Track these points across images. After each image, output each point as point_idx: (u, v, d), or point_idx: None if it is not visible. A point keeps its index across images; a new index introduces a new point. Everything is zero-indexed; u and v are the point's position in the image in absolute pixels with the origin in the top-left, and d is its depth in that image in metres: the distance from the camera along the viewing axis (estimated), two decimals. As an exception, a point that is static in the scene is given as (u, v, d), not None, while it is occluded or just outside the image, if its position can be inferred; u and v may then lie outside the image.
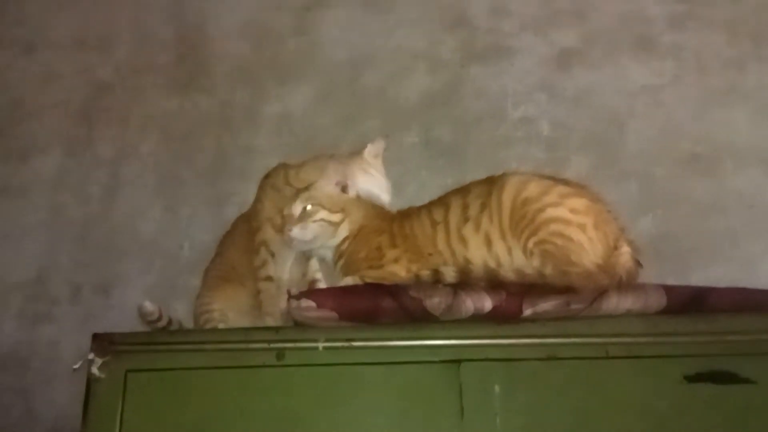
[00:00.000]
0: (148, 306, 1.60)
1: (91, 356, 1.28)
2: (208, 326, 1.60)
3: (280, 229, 1.53)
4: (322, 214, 1.52)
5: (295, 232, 1.50)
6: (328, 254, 1.56)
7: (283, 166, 1.69)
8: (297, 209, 1.52)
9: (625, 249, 1.36)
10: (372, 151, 1.69)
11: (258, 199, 1.67)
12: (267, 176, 1.70)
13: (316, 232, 1.51)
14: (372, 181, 1.66)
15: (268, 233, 1.60)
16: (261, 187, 1.69)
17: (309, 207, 1.51)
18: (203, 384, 1.29)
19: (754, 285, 1.39)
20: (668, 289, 1.33)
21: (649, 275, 1.40)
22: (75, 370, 1.29)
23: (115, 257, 2.14)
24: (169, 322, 1.63)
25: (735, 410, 1.24)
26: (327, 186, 1.55)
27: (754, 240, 1.97)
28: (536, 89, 2.19)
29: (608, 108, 2.14)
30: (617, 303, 1.30)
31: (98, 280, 2.12)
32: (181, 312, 1.73)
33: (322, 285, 1.59)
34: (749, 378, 1.24)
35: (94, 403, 1.27)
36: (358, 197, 1.59)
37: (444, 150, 2.16)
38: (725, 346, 1.27)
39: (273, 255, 1.60)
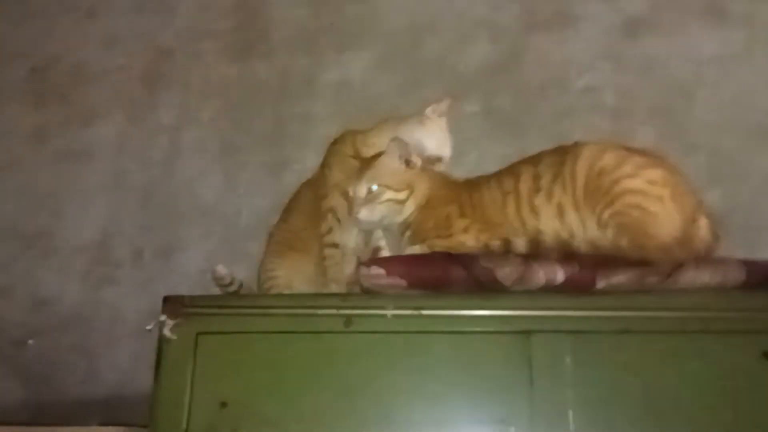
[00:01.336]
0: (221, 270, 1.62)
1: (162, 318, 1.30)
2: (273, 292, 1.61)
3: (349, 202, 1.52)
4: (389, 194, 1.50)
5: (363, 214, 1.48)
6: (394, 226, 1.55)
7: (351, 133, 1.67)
8: (362, 190, 1.50)
9: (704, 221, 1.33)
10: (436, 109, 1.65)
11: (325, 166, 1.66)
12: (334, 142, 1.68)
13: (383, 212, 1.50)
14: (424, 133, 1.62)
15: (336, 200, 1.59)
16: (329, 154, 1.67)
17: (374, 188, 1.50)
18: (272, 348, 1.30)
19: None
20: (748, 264, 1.30)
21: (718, 250, 1.36)
22: (149, 330, 1.31)
23: (175, 222, 2.16)
24: (240, 286, 1.64)
25: (815, 389, 1.20)
26: (391, 162, 1.52)
27: (827, 217, 1.91)
28: (601, 58, 2.12)
29: (676, 78, 2.07)
30: (694, 277, 1.27)
31: (159, 245, 2.15)
32: (240, 277, 1.75)
33: (385, 253, 1.58)
34: (829, 356, 1.20)
35: (166, 364, 1.29)
36: (423, 168, 1.57)
37: (505, 119, 2.12)
38: (806, 323, 1.23)
39: (340, 222, 1.59)
